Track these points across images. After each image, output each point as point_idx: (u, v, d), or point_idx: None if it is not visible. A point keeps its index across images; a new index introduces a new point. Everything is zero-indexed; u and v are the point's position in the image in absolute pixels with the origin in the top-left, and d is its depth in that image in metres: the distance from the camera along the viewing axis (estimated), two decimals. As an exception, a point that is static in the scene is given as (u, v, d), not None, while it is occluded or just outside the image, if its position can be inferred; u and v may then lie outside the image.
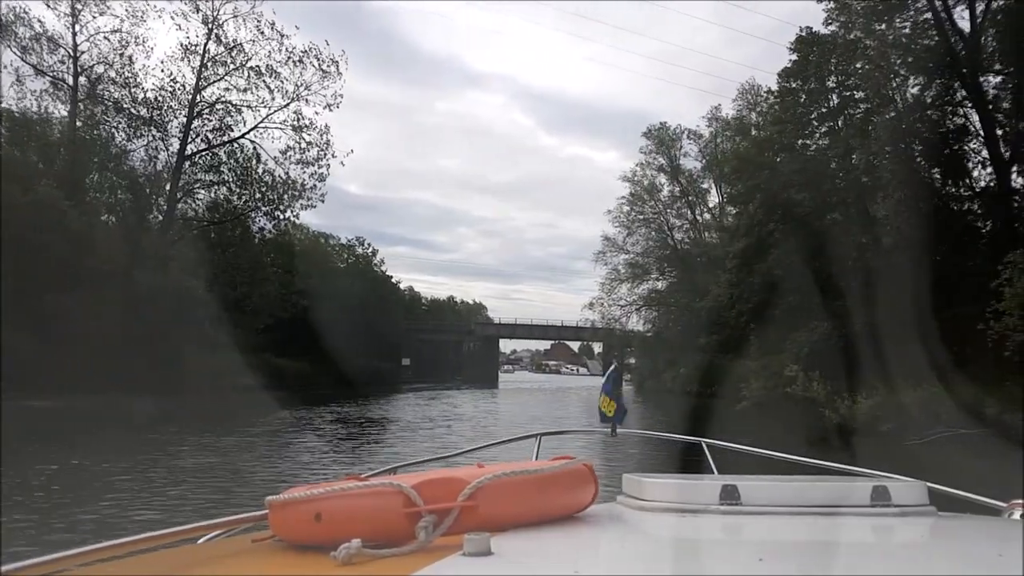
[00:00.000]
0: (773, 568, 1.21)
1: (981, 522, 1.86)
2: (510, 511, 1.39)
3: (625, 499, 1.75)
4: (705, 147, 58.22)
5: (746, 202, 28.36)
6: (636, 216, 60.28)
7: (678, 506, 1.61)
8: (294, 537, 1.39)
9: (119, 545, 1.39)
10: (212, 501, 12.12)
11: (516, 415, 34.05)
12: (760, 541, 1.46)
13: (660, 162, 59.41)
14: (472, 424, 27.82)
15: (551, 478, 1.49)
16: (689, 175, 59.45)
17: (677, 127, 59.15)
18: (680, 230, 60.60)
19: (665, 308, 57.95)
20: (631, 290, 60.40)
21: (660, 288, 60.03)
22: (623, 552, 1.42)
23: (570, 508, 1.55)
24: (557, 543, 1.38)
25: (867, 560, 1.36)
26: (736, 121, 52.04)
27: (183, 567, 1.43)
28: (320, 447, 19.99)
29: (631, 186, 60.15)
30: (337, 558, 1.19)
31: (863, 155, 23.74)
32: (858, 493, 1.64)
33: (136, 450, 17.41)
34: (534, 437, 2.98)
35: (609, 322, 61.16)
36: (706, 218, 60.23)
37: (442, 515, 1.29)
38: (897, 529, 1.58)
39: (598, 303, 60.71)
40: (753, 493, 1.61)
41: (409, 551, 1.22)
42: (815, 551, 1.41)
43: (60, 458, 15.68)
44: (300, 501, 1.36)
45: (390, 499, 1.30)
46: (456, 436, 23.26)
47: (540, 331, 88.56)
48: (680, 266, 57.49)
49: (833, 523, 1.54)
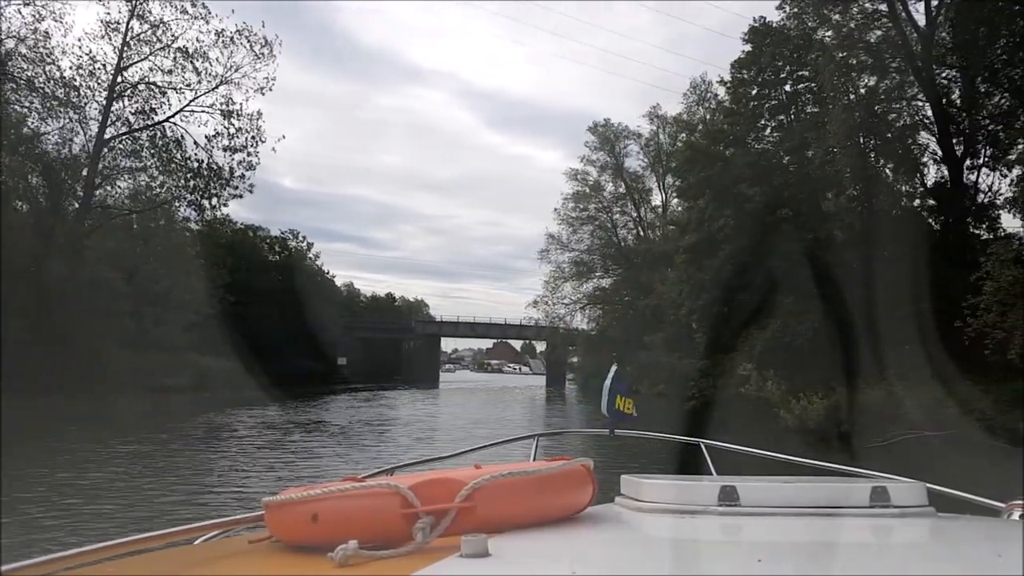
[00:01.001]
0: (772, 569, 1.21)
1: (980, 523, 1.84)
2: (508, 512, 1.38)
3: (623, 500, 1.75)
4: (647, 144, 58.61)
5: (696, 196, 27.47)
6: (581, 214, 60.40)
7: (677, 507, 1.60)
8: (291, 538, 1.38)
9: (117, 545, 1.39)
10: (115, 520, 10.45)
11: (457, 417, 32.31)
12: (759, 542, 1.46)
13: (604, 160, 59.66)
14: (408, 431, 25.75)
15: (549, 479, 1.47)
16: (633, 173, 59.76)
17: (619, 124, 59.42)
18: (624, 228, 60.79)
19: (610, 306, 57.89)
20: (576, 288, 60.34)
21: (605, 286, 59.97)
22: (621, 553, 1.41)
23: (568, 509, 1.54)
24: (555, 544, 1.38)
25: (866, 561, 1.35)
26: (683, 117, 52.29)
27: (180, 568, 1.42)
28: (240, 461, 17.74)
29: (575, 184, 60.13)
30: (334, 559, 1.18)
31: (818, 148, 22.95)
32: (857, 494, 1.62)
33: (38, 459, 15.28)
34: (532, 438, 3.14)
35: (553, 320, 60.86)
36: (650, 216, 60.43)
37: (439, 516, 1.28)
38: (896, 530, 1.58)
39: (542, 301, 60.46)
40: (752, 494, 1.60)
41: (406, 552, 1.22)
42: (814, 552, 1.39)
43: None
44: (297, 502, 1.35)
45: (387, 500, 1.30)
46: (392, 446, 21.33)
47: (483, 329, 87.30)
48: (624, 264, 57.56)
49: (832, 524, 1.53)
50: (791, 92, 26.82)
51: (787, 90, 27.00)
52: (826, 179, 24.85)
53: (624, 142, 58.80)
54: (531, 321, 62.92)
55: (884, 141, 23.83)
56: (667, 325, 43.70)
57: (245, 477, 15.13)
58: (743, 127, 27.17)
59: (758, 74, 26.63)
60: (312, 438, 22.33)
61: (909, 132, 24.06)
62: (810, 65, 25.03)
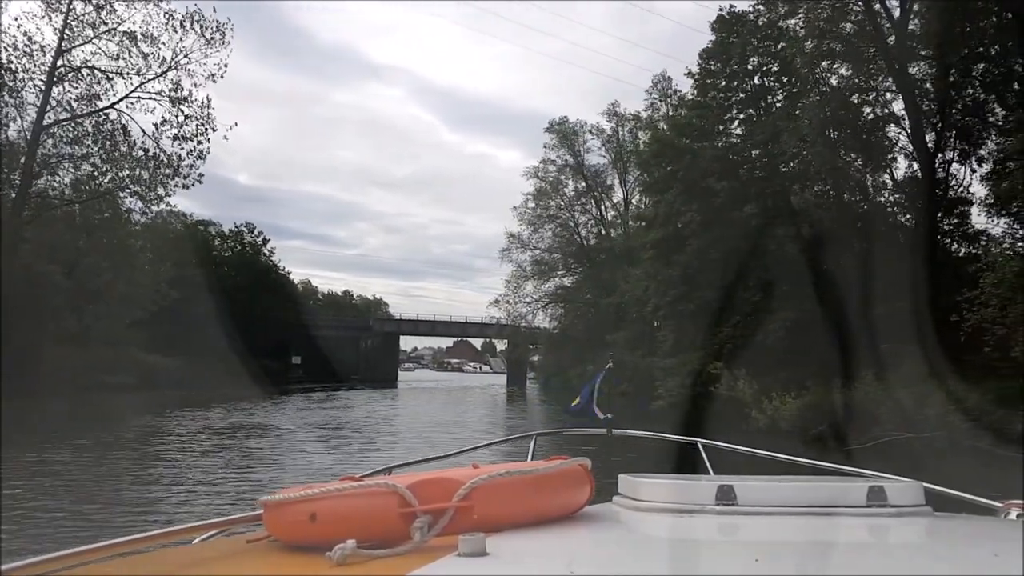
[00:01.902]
0: (769, 568, 1.21)
1: (977, 522, 1.84)
2: (505, 511, 1.37)
3: (621, 499, 1.75)
4: (608, 141, 58.28)
5: (663, 190, 26.66)
6: (542, 212, 59.96)
7: (674, 506, 1.60)
8: (289, 537, 1.37)
9: (115, 545, 1.38)
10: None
11: (414, 420, 30.76)
12: (756, 541, 1.45)
13: (565, 158, 59.18)
14: (362, 437, 23.39)
15: (546, 478, 1.47)
16: (594, 169, 59.34)
17: (578, 120, 58.96)
18: (586, 227, 60.44)
19: (572, 305, 57.36)
20: (537, 287, 59.76)
21: (567, 284, 59.58)
22: (619, 553, 1.41)
23: (566, 508, 1.54)
24: (553, 543, 1.37)
25: (863, 560, 1.34)
26: (643, 115, 52.26)
27: (178, 567, 1.41)
28: (159, 474, 15.71)
29: (536, 181, 59.56)
30: (332, 559, 1.18)
31: (792, 138, 22.25)
32: (854, 493, 1.62)
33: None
34: (529, 437, 3.21)
35: (515, 319, 60.24)
36: (611, 214, 60.10)
37: (437, 515, 1.28)
38: (893, 529, 1.58)
39: (504, 300, 59.65)
40: (749, 493, 1.60)
41: (404, 551, 1.21)
42: (811, 551, 1.38)
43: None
44: (295, 501, 1.34)
45: (385, 499, 1.29)
46: (340, 455, 19.29)
47: (443, 327, 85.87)
48: (587, 262, 57.11)
49: (829, 523, 1.53)
50: (760, 85, 26.16)
51: (756, 83, 26.35)
52: (796, 173, 24.25)
53: (584, 138, 58.43)
54: (492, 320, 62.13)
55: (855, 132, 23.24)
56: (630, 323, 43.20)
57: (148, 494, 13.24)
58: (711, 120, 26.45)
59: (726, 65, 25.91)
60: (250, 446, 20.18)
61: (881, 124, 23.53)
62: (780, 55, 24.36)
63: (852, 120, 23.31)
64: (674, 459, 3.61)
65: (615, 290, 47.12)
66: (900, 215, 24.23)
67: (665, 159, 26.25)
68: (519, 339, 65.00)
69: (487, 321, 63.96)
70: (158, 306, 37.84)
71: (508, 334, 65.99)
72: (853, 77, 23.26)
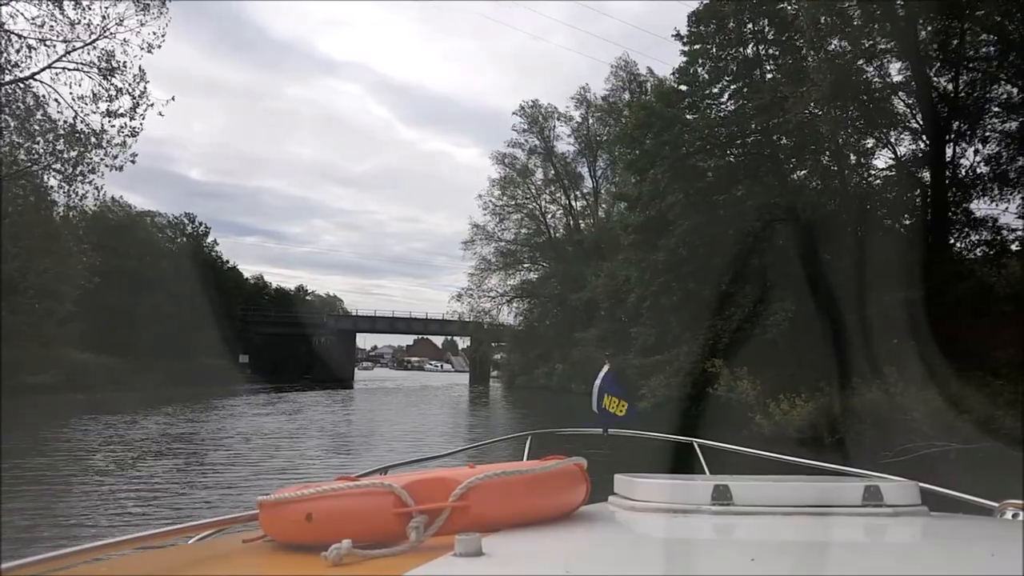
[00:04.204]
0: (765, 568, 1.19)
1: (973, 522, 1.80)
2: (501, 511, 1.36)
3: (617, 499, 1.73)
4: (577, 130, 56.45)
5: (648, 167, 24.00)
6: (508, 201, 57.69)
7: (670, 506, 1.58)
8: (285, 537, 1.35)
9: (113, 544, 1.38)
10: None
11: (368, 427, 27.32)
12: (752, 541, 1.44)
13: (533, 142, 56.85)
14: (298, 452, 19.22)
15: (542, 478, 1.45)
16: (563, 158, 57.38)
17: (550, 105, 57.03)
18: (554, 217, 58.18)
19: (539, 300, 54.93)
20: (502, 281, 57.62)
21: (533, 279, 57.37)
22: (615, 552, 1.39)
23: (562, 508, 1.52)
24: (549, 543, 1.35)
25: (859, 560, 1.32)
26: (609, 100, 50.44)
27: (175, 567, 1.39)
28: (68, 490, 12.75)
29: (502, 168, 57.11)
30: (328, 558, 1.16)
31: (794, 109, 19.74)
32: (850, 493, 1.60)
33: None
34: (525, 436, 3.25)
35: (478, 315, 57.70)
36: (580, 205, 57.78)
37: (433, 515, 1.27)
38: (889, 529, 1.55)
39: (467, 294, 57.50)
40: (745, 493, 1.58)
41: (400, 551, 1.20)
42: (807, 551, 1.38)
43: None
44: (291, 501, 1.32)
45: (381, 499, 1.28)
46: (259, 480, 16.24)
47: (403, 324, 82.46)
48: (555, 256, 54.69)
49: (825, 523, 1.51)
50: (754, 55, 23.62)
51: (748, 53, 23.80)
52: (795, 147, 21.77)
53: (553, 123, 56.65)
54: (454, 316, 59.27)
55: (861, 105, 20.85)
56: (601, 320, 40.82)
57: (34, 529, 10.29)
58: (700, 89, 23.88)
59: (718, 31, 23.35)
60: (161, 463, 16.56)
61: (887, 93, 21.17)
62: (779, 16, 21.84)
63: (857, 88, 20.90)
64: (670, 459, 3.24)
65: (585, 285, 44.89)
66: (905, 193, 21.86)
67: (651, 130, 23.60)
68: (483, 336, 62.66)
69: (449, 318, 61.09)
70: (92, 302, 34.34)
71: (471, 331, 63.52)
72: (860, 40, 20.81)
